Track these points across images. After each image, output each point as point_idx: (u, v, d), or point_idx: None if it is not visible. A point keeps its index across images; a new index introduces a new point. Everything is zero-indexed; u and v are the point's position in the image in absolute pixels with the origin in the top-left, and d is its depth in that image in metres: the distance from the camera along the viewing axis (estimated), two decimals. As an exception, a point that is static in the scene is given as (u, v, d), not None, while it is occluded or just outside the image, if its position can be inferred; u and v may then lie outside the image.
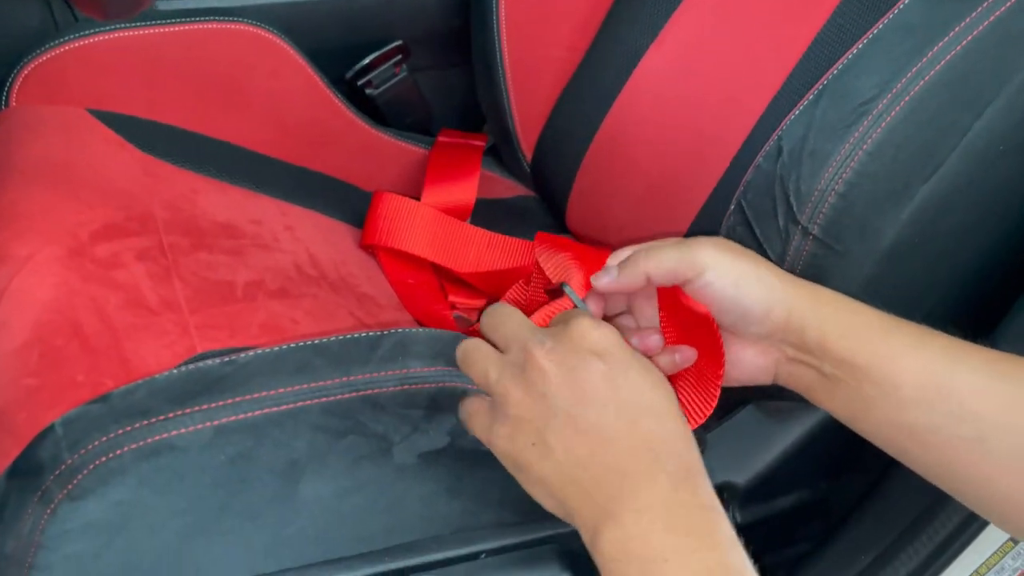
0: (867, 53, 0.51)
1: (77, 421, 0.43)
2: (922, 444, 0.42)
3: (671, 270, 0.45)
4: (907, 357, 0.42)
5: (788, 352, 0.45)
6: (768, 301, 0.44)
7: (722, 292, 0.44)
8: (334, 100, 0.74)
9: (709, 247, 0.44)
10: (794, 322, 0.44)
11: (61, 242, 0.57)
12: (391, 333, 0.49)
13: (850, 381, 0.43)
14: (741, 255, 0.45)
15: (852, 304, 0.45)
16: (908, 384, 0.41)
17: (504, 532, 0.57)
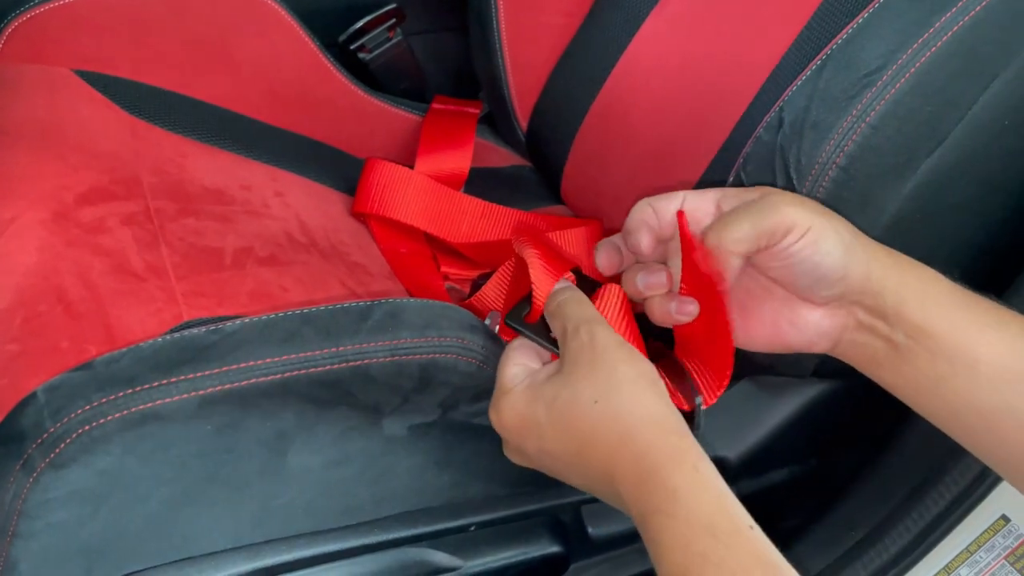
0: (873, 22, 0.50)
1: (60, 388, 0.43)
2: (991, 427, 0.40)
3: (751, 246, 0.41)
4: (988, 333, 0.39)
5: (859, 316, 0.42)
6: (846, 262, 0.41)
7: (800, 254, 0.40)
8: (326, 64, 0.73)
9: (787, 207, 0.40)
10: (873, 284, 0.41)
11: (45, 205, 0.56)
12: (381, 303, 0.48)
13: (923, 353, 0.40)
14: (817, 210, 0.41)
15: (931, 272, 0.42)
16: (987, 361, 0.39)
17: (493, 504, 0.56)
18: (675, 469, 0.38)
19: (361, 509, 0.52)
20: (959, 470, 0.53)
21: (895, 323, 0.41)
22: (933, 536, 0.53)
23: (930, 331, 0.40)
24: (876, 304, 0.41)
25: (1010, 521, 0.53)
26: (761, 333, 0.45)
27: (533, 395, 0.42)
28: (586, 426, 0.41)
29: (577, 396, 0.41)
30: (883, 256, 0.42)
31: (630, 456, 0.39)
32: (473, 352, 0.49)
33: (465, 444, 0.54)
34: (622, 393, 0.40)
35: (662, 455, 0.39)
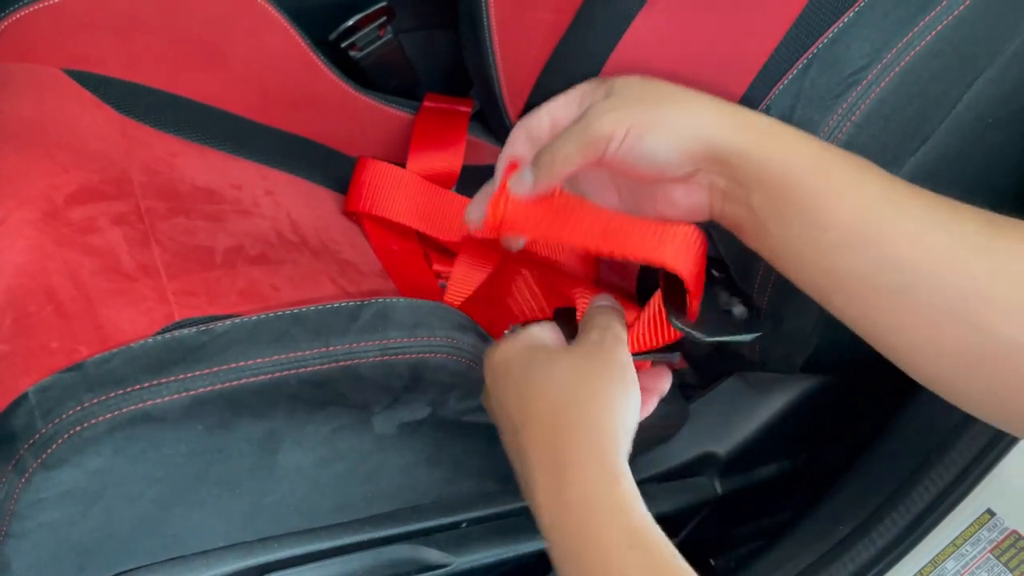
0: (858, 21, 0.50)
1: (51, 389, 0.43)
2: (845, 291, 0.39)
3: (580, 162, 0.42)
4: (840, 196, 0.39)
5: (720, 184, 0.42)
6: (681, 144, 0.41)
7: (627, 156, 0.41)
8: (317, 62, 0.73)
9: (602, 117, 0.41)
10: (719, 151, 0.41)
11: (35, 205, 0.56)
12: (371, 303, 0.48)
13: (775, 218, 0.40)
14: (645, 102, 0.42)
15: (789, 132, 0.41)
16: (836, 226, 0.38)
17: (484, 501, 0.57)
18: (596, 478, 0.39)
19: (352, 507, 0.52)
20: (944, 464, 0.54)
21: (748, 187, 0.41)
22: (919, 530, 0.54)
23: (782, 193, 0.40)
24: (729, 170, 0.41)
25: (995, 515, 0.54)
26: (649, 212, 0.46)
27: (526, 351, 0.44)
28: (536, 405, 0.42)
29: (551, 371, 0.42)
30: (732, 122, 0.41)
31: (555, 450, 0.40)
32: (463, 351, 0.49)
33: (456, 441, 0.54)
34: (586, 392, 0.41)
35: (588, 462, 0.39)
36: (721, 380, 0.64)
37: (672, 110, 0.41)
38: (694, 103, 0.42)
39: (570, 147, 0.42)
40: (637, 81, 0.44)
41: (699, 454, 0.64)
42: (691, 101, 0.42)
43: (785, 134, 0.41)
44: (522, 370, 0.43)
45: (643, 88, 0.43)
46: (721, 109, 0.42)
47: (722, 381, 0.64)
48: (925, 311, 0.37)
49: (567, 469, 0.39)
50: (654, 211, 0.45)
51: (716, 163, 0.41)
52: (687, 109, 0.42)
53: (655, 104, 0.42)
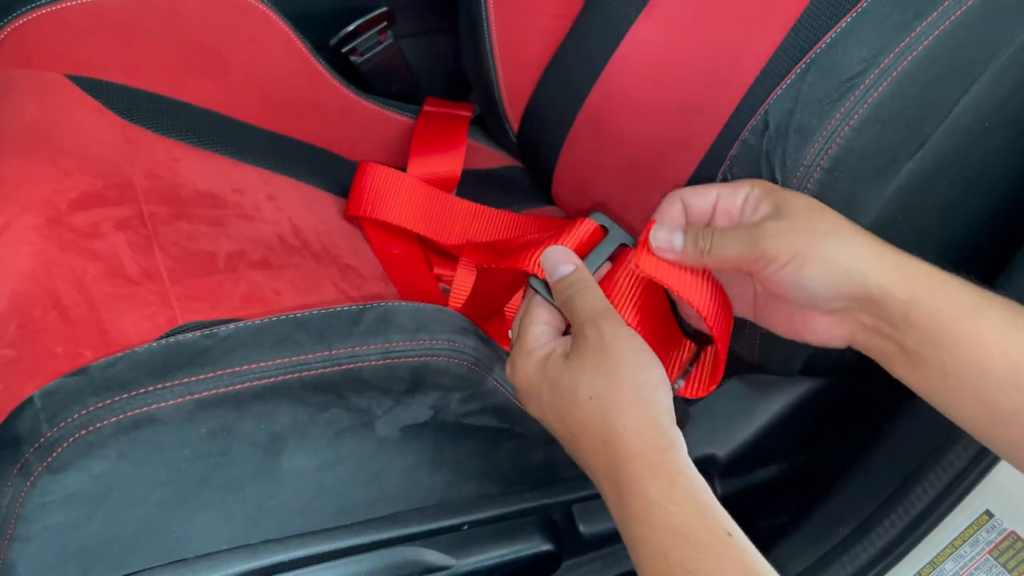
0: (855, 27, 0.51)
1: (56, 393, 0.43)
2: (1006, 429, 0.40)
3: (733, 266, 0.44)
4: (998, 339, 0.40)
5: (866, 322, 0.43)
6: (837, 284, 0.42)
7: (783, 282, 0.43)
8: (318, 67, 0.73)
9: (769, 240, 0.43)
10: (873, 294, 0.42)
11: (38, 211, 0.56)
12: (373, 307, 0.48)
13: (934, 358, 0.41)
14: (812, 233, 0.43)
15: (942, 276, 0.42)
16: (997, 368, 0.39)
17: (486, 503, 0.57)
18: (652, 482, 0.39)
19: (355, 510, 0.52)
20: (943, 466, 0.54)
21: (904, 330, 0.42)
22: (918, 532, 0.54)
23: (939, 339, 0.41)
24: (882, 313, 0.42)
25: (993, 516, 0.54)
26: (781, 328, 0.47)
27: (543, 369, 0.44)
28: (577, 419, 0.42)
29: (575, 388, 0.42)
30: (887, 263, 0.42)
31: (610, 461, 0.41)
32: (464, 354, 0.50)
33: (457, 444, 0.54)
34: (618, 397, 0.41)
35: (642, 467, 0.40)
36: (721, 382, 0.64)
37: (837, 246, 0.42)
38: (860, 242, 0.43)
39: (732, 251, 0.44)
40: (806, 205, 0.45)
41: (699, 456, 0.64)
42: (854, 239, 0.43)
43: (939, 278, 0.42)
44: (550, 391, 0.44)
45: (812, 216, 0.44)
46: (880, 251, 0.43)
47: (722, 383, 0.64)
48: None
49: (624, 487, 0.40)
50: (789, 329, 0.46)
51: (867, 303, 0.42)
52: (850, 247, 0.43)
53: (822, 236, 0.43)
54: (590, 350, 0.43)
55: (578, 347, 0.44)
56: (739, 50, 0.60)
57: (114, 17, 0.66)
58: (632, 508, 0.39)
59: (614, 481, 0.40)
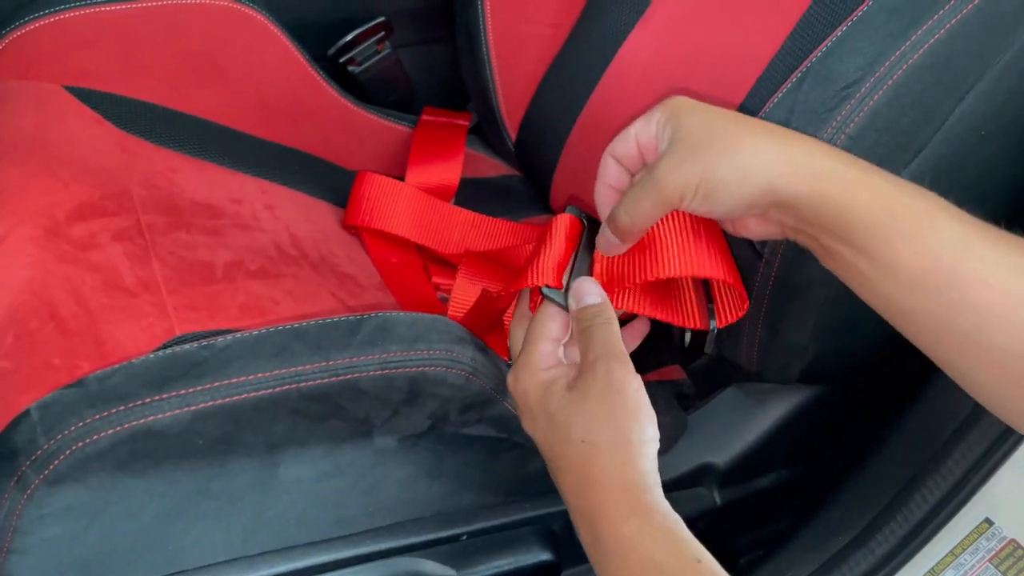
0: (851, 35, 0.51)
1: (53, 406, 0.43)
2: (918, 327, 0.41)
3: (658, 216, 0.45)
4: (910, 240, 0.40)
5: (787, 222, 0.44)
6: (747, 196, 0.42)
7: (699, 208, 0.44)
8: (316, 77, 0.73)
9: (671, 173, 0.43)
10: (784, 199, 0.42)
11: (36, 222, 0.56)
12: (371, 317, 0.48)
13: (846, 256, 0.41)
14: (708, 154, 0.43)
15: (855, 173, 0.42)
16: (907, 270, 0.40)
17: (485, 514, 0.57)
18: (628, 520, 0.40)
19: (353, 520, 0.52)
20: (942, 474, 0.54)
21: (818, 229, 0.42)
22: (918, 540, 0.54)
23: (850, 239, 0.41)
24: (796, 214, 0.42)
25: (993, 524, 0.54)
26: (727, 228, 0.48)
27: (544, 396, 0.44)
28: (565, 454, 0.43)
29: (570, 426, 0.43)
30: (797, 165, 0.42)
31: (588, 501, 0.42)
32: (462, 364, 0.50)
33: (456, 454, 0.54)
34: (608, 447, 0.42)
35: (620, 508, 0.41)
36: (719, 391, 0.64)
37: (736, 162, 0.42)
38: (758, 151, 0.43)
39: (646, 207, 0.44)
40: (703, 120, 0.44)
41: (698, 465, 0.64)
42: (756, 149, 0.43)
43: (850, 177, 0.42)
44: (545, 420, 0.44)
45: (707, 135, 0.44)
46: (786, 154, 0.42)
47: (720, 392, 0.64)
48: (1001, 353, 0.38)
49: (599, 524, 0.41)
50: (731, 230, 0.47)
51: (781, 208, 0.43)
52: (752, 160, 0.42)
53: (719, 155, 0.43)
54: (595, 392, 0.43)
55: (584, 384, 0.43)
56: (735, 58, 0.60)
57: (112, 28, 0.66)
58: (605, 542, 0.40)
59: (589, 519, 0.41)
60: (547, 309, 0.47)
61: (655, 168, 0.44)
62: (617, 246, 0.47)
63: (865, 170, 0.42)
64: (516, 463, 0.57)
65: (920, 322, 0.41)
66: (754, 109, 0.58)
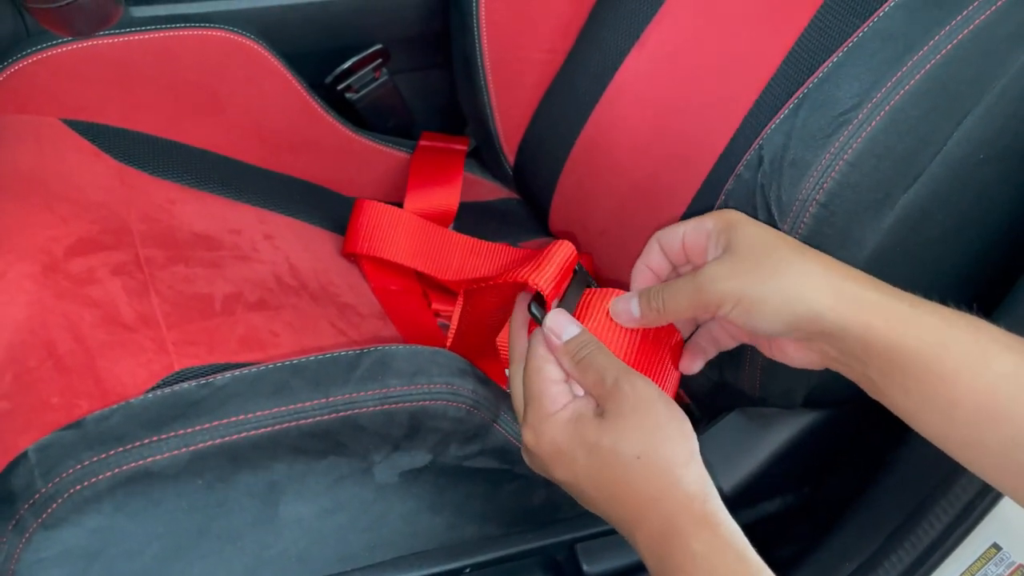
0: (847, 61, 0.51)
1: (50, 448, 0.43)
2: (976, 456, 0.41)
3: (689, 316, 0.46)
4: (964, 376, 0.39)
5: (831, 353, 0.43)
6: (788, 321, 0.42)
7: (736, 321, 0.43)
8: (313, 105, 0.73)
9: (715, 285, 0.43)
10: (828, 329, 0.41)
11: (34, 258, 0.56)
12: (370, 351, 0.48)
13: (898, 389, 0.41)
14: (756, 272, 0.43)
15: (902, 303, 0.41)
16: (965, 404, 0.39)
17: (488, 545, 0.57)
18: (697, 533, 0.40)
19: (355, 556, 0.52)
20: (949, 499, 0.53)
21: (866, 361, 0.42)
22: (926, 566, 0.53)
23: (902, 371, 0.40)
24: (842, 346, 0.42)
25: (1001, 549, 0.53)
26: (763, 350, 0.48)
27: (575, 433, 0.43)
28: (621, 476, 0.42)
29: (619, 446, 0.42)
30: (844, 296, 0.42)
31: (657, 515, 0.41)
32: (463, 397, 0.49)
33: (458, 487, 0.54)
34: (663, 452, 0.42)
35: (688, 520, 0.40)
36: (723, 415, 0.63)
37: (783, 284, 0.42)
38: (807, 277, 0.42)
39: (682, 302, 0.44)
40: (758, 238, 0.44)
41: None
42: (804, 275, 0.42)
43: (899, 311, 0.41)
44: (586, 454, 0.42)
45: (762, 249, 0.44)
46: (834, 284, 0.42)
47: (724, 416, 0.63)
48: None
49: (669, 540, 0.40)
50: (767, 352, 0.47)
51: (827, 336, 0.42)
52: (798, 284, 0.42)
53: (768, 275, 0.43)
54: (629, 407, 0.42)
55: (616, 405, 0.43)
56: (731, 84, 0.60)
57: (109, 60, 0.66)
58: (676, 559, 0.40)
59: (657, 539, 0.40)
60: (537, 352, 0.46)
61: (703, 271, 0.44)
62: (633, 320, 0.47)
63: (915, 304, 0.42)
64: (518, 494, 0.56)
65: (976, 455, 0.41)
66: (751, 134, 0.58)
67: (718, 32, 0.63)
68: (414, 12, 0.79)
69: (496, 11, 0.72)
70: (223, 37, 0.68)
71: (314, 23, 0.76)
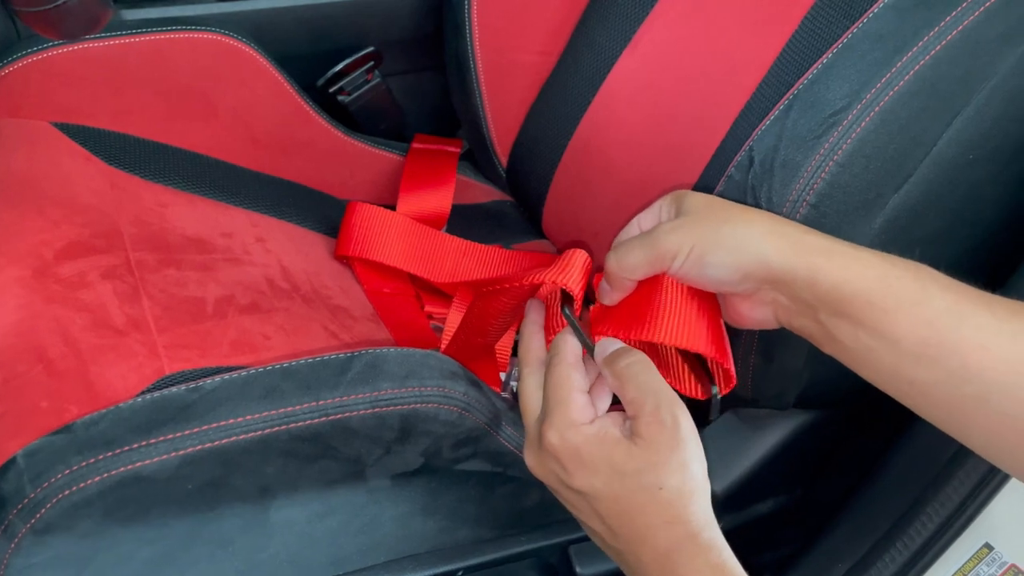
0: (837, 63, 0.51)
1: (40, 453, 0.43)
2: (925, 396, 0.41)
3: (647, 272, 0.46)
4: (907, 311, 0.40)
5: (783, 303, 0.44)
6: (740, 265, 0.43)
7: (691, 272, 0.44)
8: (305, 107, 0.73)
9: (668, 235, 0.44)
10: (779, 274, 0.43)
11: (25, 262, 0.56)
12: (361, 354, 0.48)
13: (846, 332, 0.42)
14: (707, 223, 0.44)
15: (847, 248, 0.43)
16: (907, 339, 0.40)
17: (481, 548, 0.56)
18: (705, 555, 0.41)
19: (347, 560, 0.51)
20: (940, 500, 0.53)
21: (815, 306, 0.42)
22: (918, 566, 0.54)
23: (847, 312, 0.41)
24: (791, 291, 0.43)
25: (993, 549, 0.53)
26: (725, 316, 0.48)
27: (601, 449, 0.43)
28: (638, 502, 0.42)
29: (645, 477, 0.42)
30: (791, 244, 0.43)
31: (666, 537, 0.41)
32: (454, 400, 0.49)
33: (451, 490, 0.54)
34: (684, 489, 0.42)
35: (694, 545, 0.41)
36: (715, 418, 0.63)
37: (732, 231, 0.44)
38: (754, 225, 0.44)
39: (639, 257, 0.45)
40: (704, 200, 0.46)
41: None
42: (751, 223, 0.44)
43: (842, 252, 0.43)
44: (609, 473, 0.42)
45: (709, 207, 0.46)
46: (779, 231, 0.44)
47: (716, 420, 0.63)
48: (1004, 416, 0.39)
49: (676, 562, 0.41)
50: (725, 316, 0.47)
51: (775, 283, 0.43)
52: (746, 231, 0.44)
53: (717, 224, 0.44)
54: (665, 441, 0.42)
55: (652, 434, 0.42)
56: (722, 85, 0.60)
57: (101, 64, 0.66)
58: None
59: (664, 555, 0.41)
60: (566, 358, 0.45)
61: (657, 228, 0.46)
62: (608, 292, 0.48)
63: (856, 248, 0.43)
64: (512, 497, 0.56)
65: (927, 392, 0.41)
66: (742, 135, 0.58)
67: (709, 34, 0.63)
68: (406, 14, 0.79)
69: (488, 13, 0.72)
70: (215, 40, 0.68)
71: (306, 26, 0.76)
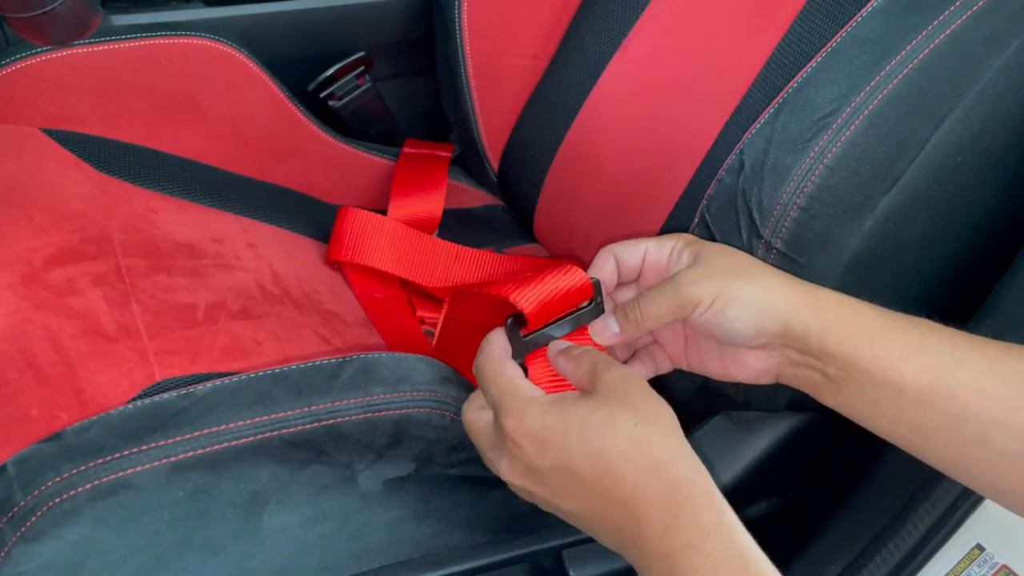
0: (826, 66, 0.51)
1: (29, 461, 0.42)
2: (927, 440, 0.44)
3: (668, 320, 0.47)
4: (909, 359, 0.43)
5: (791, 356, 0.46)
6: (758, 321, 0.45)
7: (710, 322, 0.46)
8: (296, 112, 0.73)
9: (690, 286, 0.46)
10: (794, 330, 0.45)
11: (14, 269, 0.55)
12: (353, 359, 0.48)
13: (853, 382, 0.44)
14: (726, 276, 0.46)
15: (853, 305, 0.46)
16: (910, 386, 0.43)
17: (474, 553, 0.56)
18: (706, 509, 0.40)
19: (340, 566, 0.51)
20: (932, 501, 0.54)
21: (824, 359, 0.45)
22: (910, 567, 0.54)
23: (855, 364, 0.44)
24: (803, 346, 0.45)
25: (985, 550, 0.53)
26: (713, 368, 0.50)
27: (563, 412, 0.42)
28: (619, 447, 0.40)
29: (614, 418, 0.41)
30: (804, 300, 0.46)
31: (661, 484, 0.40)
32: (446, 405, 0.49)
33: (443, 495, 0.54)
34: (659, 424, 0.42)
35: (693, 491, 0.40)
36: (707, 419, 0.64)
37: (752, 288, 0.46)
38: (772, 282, 0.47)
39: (661, 307, 0.47)
40: (721, 251, 0.48)
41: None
42: (770, 279, 0.47)
43: (850, 307, 0.46)
44: (579, 430, 0.41)
45: (727, 259, 0.48)
46: (796, 289, 0.46)
47: (708, 420, 0.63)
48: (1003, 456, 0.41)
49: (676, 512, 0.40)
50: (720, 367, 0.49)
51: (790, 338, 0.45)
52: (766, 287, 0.46)
53: (739, 278, 0.46)
54: (620, 386, 0.43)
55: (604, 383, 0.43)
56: (712, 89, 0.61)
57: (90, 69, 0.66)
58: (686, 534, 0.39)
59: (662, 507, 0.39)
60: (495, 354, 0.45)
61: (678, 276, 0.47)
62: (613, 336, 0.48)
63: (859, 302, 0.46)
64: (505, 501, 0.56)
65: (929, 435, 0.43)
66: (733, 138, 0.58)
67: (699, 38, 0.63)
68: (397, 19, 0.79)
69: (479, 18, 0.72)
70: (204, 45, 0.68)
71: (296, 30, 0.76)
